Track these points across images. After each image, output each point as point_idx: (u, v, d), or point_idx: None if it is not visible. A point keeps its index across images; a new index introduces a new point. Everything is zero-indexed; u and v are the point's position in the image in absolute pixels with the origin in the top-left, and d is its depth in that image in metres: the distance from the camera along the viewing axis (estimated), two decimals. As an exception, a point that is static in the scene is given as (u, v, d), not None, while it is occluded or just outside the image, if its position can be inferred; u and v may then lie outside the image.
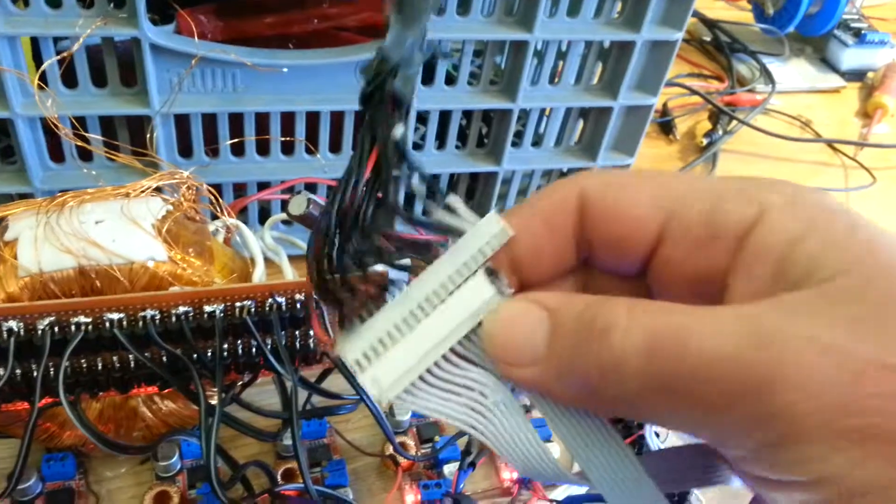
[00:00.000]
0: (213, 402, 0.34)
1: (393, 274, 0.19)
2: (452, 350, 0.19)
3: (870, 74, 0.86)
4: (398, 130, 0.18)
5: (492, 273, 0.19)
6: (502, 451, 0.18)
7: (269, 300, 0.33)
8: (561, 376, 0.17)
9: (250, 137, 0.47)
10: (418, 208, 0.20)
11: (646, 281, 0.19)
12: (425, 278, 0.19)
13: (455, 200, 0.19)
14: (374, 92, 0.18)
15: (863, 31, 0.86)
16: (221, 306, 0.33)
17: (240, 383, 0.36)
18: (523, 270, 0.19)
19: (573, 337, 0.16)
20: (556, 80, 0.53)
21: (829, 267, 0.15)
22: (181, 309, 0.32)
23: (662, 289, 0.19)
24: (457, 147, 0.53)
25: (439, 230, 0.19)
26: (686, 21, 0.50)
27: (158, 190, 0.37)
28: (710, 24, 0.87)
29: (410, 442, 0.41)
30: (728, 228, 0.17)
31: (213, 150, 0.47)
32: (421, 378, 0.19)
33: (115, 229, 0.32)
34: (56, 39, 0.41)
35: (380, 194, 0.19)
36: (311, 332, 0.35)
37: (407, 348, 0.19)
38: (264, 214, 0.51)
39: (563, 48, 0.52)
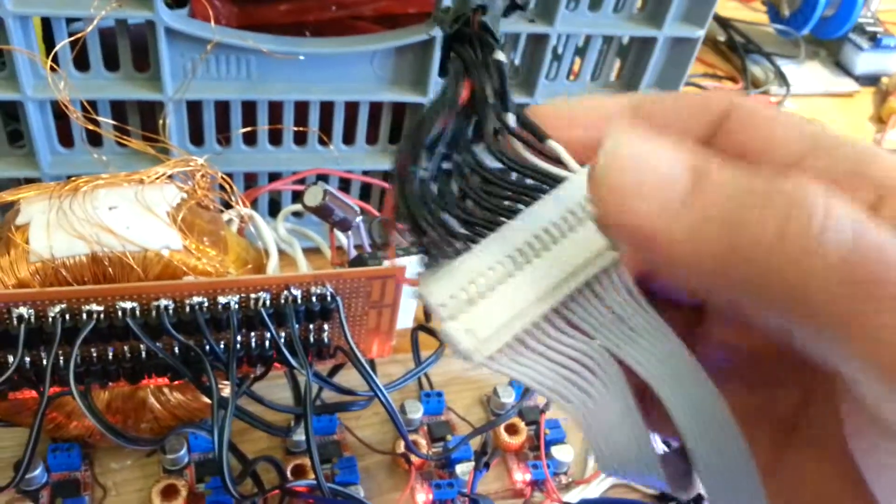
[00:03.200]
0: (225, 394, 0.33)
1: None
2: (555, 310, 0.16)
3: (884, 79, 0.85)
4: (499, 54, 0.17)
5: None
6: (595, 435, 0.16)
7: (285, 292, 0.33)
8: (699, 232, 0.14)
9: (263, 127, 0.46)
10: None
11: None
12: (524, 220, 0.16)
13: (555, 145, 0.17)
14: (461, 29, 0.17)
15: (878, 36, 0.85)
16: (237, 297, 0.32)
17: (252, 376, 0.35)
18: None
19: (736, 197, 0.14)
20: (574, 77, 0.52)
21: None
22: (195, 299, 0.31)
23: None
24: (471, 141, 0.53)
25: (535, 174, 0.17)
26: (709, 18, 0.49)
27: (170, 177, 0.36)
28: (725, 24, 0.86)
29: (421, 440, 0.40)
30: (877, 179, 0.15)
31: (225, 138, 0.46)
32: (517, 337, 0.16)
33: (129, 216, 0.31)
34: (69, 20, 0.40)
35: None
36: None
37: (506, 297, 0.16)
38: (274, 206, 0.51)
39: (582, 44, 0.51)
